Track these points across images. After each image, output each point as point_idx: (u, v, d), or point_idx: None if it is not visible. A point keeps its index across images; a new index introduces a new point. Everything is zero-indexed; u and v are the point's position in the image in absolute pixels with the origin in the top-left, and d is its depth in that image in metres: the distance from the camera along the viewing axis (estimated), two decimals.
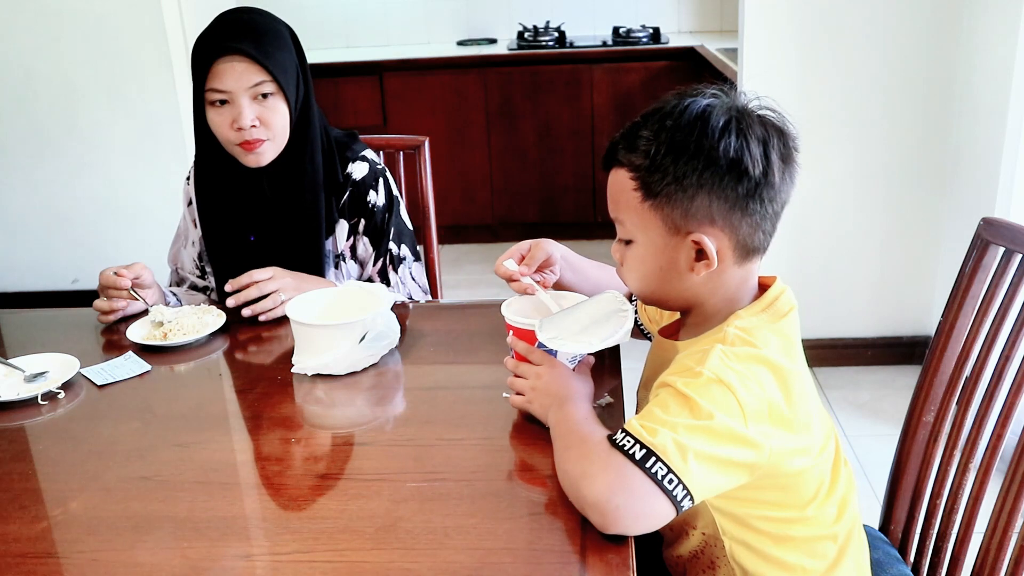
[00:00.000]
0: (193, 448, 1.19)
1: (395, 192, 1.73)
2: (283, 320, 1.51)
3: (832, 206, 2.81)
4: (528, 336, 1.18)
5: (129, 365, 1.43)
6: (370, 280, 1.71)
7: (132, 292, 1.55)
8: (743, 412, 0.94)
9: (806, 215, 2.84)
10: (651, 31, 4.20)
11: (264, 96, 1.54)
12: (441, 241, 2.08)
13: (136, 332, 1.50)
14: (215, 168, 1.66)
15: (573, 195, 4.26)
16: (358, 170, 1.68)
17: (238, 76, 1.51)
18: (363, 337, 1.36)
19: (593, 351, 1.14)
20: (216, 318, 1.53)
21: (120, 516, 1.05)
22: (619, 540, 0.95)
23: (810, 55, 2.69)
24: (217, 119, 1.56)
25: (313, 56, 1.65)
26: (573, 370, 1.18)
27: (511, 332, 1.23)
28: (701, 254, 1.00)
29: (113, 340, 1.53)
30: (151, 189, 3.47)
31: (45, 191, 3.58)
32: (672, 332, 1.17)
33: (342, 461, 1.16)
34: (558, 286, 1.37)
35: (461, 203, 4.28)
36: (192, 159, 1.71)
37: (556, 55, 4.10)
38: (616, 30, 4.26)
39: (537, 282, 1.31)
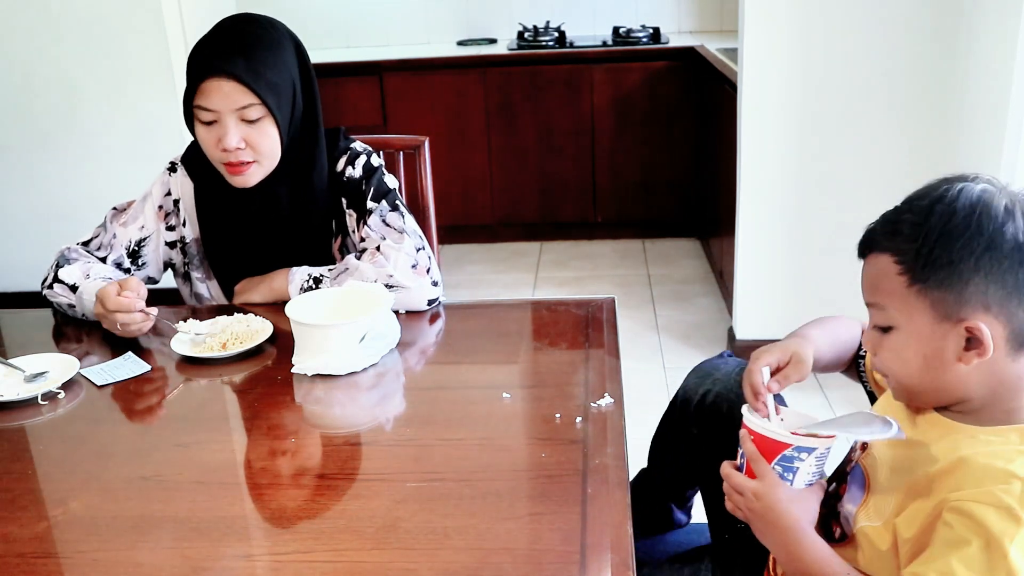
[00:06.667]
0: (193, 448, 1.19)
1: (375, 163, 1.66)
2: (284, 320, 1.51)
3: (832, 206, 2.81)
4: (768, 448, 1.05)
5: (129, 365, 1.42)
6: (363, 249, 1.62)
7: (145, 312, 1.47)
8: None
9: (807, 215, 2.84)
10: (651, 31, 4.20)
11: (253, 119, 1.50)
12: (441, 241, 2.08)
13: (181, 346, 1.45)
14: (212, 181, 1.62)
15: (573, 195, 4.26)
16: (349, 170, 1.65)
17: (224, 96, 1.47)
18: (363, 337, 1.36)
19: (863, 440, 1.03)
20: (263, 323, 1.50)
21: (120, 516, 1.05)
22: (619, 540, 0.95)
23: (810, 55, 2.69)
24: (205, 136, 1.53)
25: (313, 56, 1.63)
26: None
27: (743, 432, 1.09)
28: (971, 343, 0.93)
29: (113, 340, 1.53)
30: None
31: (45, 191, 3.58)
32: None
33: (342, 461, 1.16)
34: None
35: (461, 203, 4.28)
36: (180, 153, 1.68)
37: (556, 55, 4.10)
38: (616, 30, 4.26)
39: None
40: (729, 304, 3.22)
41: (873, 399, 1.22)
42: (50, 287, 1.61)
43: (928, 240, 0.92)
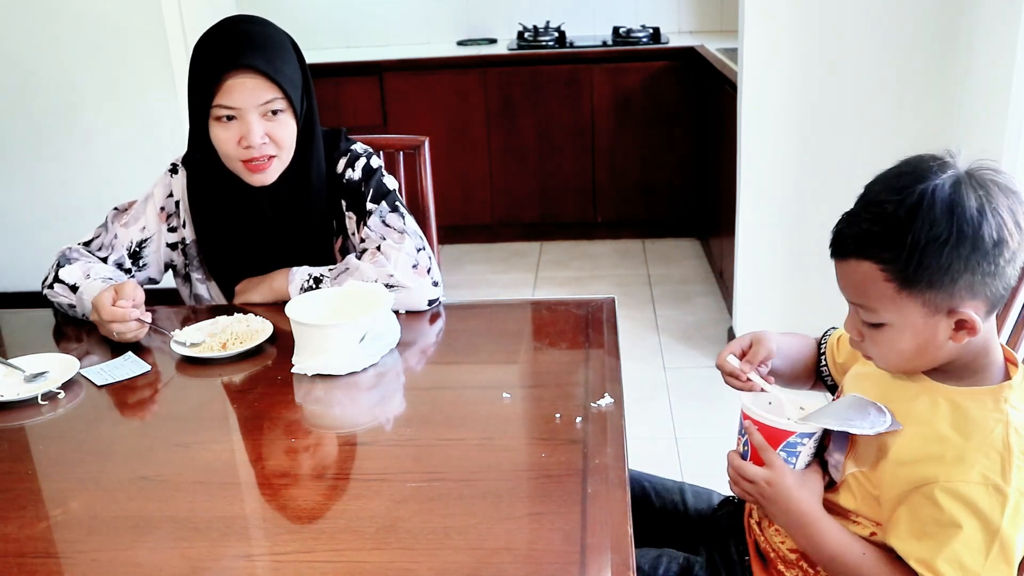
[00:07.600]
0: (193, 448, 1.19)
1: (375, 164, 1.66)
2: (284, 320, 1.51)
3: (832, 206, 2.80)
4: (773, 436, 1.11)
5: (129, 365, 1.42)
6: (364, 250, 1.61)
7: (140, 320, 1.48)
8: None
9: (807, 215, 2.84)
10: (651, 31, 4.20)
11: (274, 112, 1.51)
12: (441, 241, 2.08)
13: (181, 347, 1.45)
14: (211, 183, 1.62)
15: (573, 195, 4.26)
16: (349, 172, 1.65)
17: (249, 92, 1.47)
18: (363, 337, 1.36)
19: (864, 434, 1.06)
20: (263, 323, 1.50)
21: (120, 516, 1.05)
22: (619, 540, 0.95)
23: (810, 55, 2.69)
24: (223, 135, 1.52)
25: (313, 56, 1.64)
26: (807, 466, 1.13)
27: (748, 423, 1.13)
28: (960, 324, 1.00)
29: (113, 340, 1.52)
30: None
31: (45, 191, 3.58)
32: None
33: (342, 461, 1.16)
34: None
35: (461, 203, 4.28)
36: (181, 154, 1.67)
37: (556, 55, 4.10)
38: (616, 30, 4.26)
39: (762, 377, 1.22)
40: (729, 304, 3.22)
41: (834, 390, 1.28)
42: (50, 287, 1.61)
43: (915, 250, 0.97)
